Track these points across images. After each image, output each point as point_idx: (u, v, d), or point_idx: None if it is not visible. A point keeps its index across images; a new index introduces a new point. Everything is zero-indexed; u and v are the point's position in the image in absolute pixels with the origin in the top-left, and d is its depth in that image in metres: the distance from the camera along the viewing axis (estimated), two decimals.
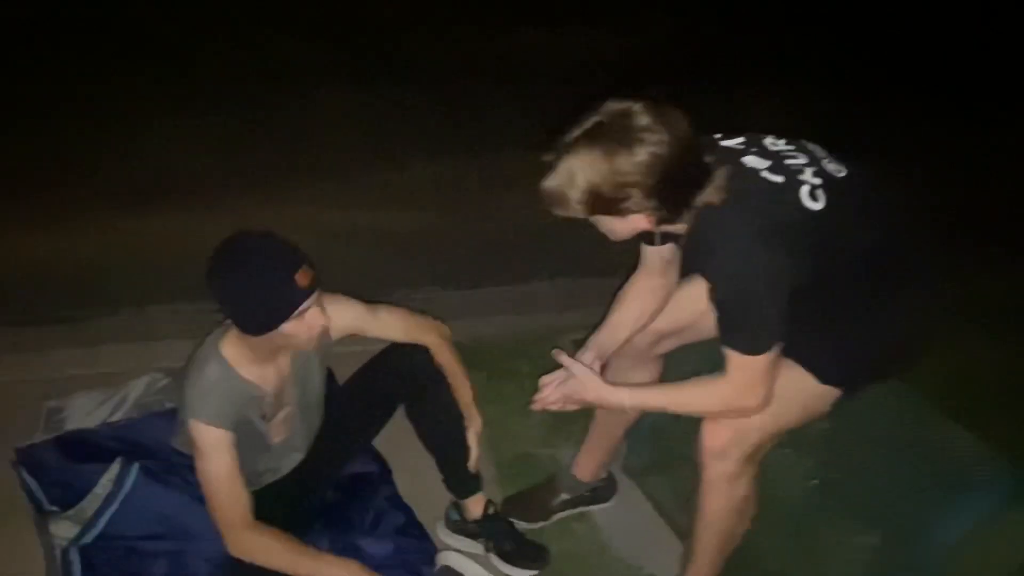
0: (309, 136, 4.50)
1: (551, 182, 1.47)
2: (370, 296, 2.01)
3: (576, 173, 1.43)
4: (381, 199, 3.93)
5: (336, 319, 1.85)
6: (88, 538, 1.91)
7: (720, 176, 1.45)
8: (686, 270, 1.83)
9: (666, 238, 1.71)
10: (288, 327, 1.65)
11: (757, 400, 1.55)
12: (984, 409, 2.31)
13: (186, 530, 1.95)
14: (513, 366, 2.75)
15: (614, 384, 1.71)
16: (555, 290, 3.37)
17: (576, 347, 2.88)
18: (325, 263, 1.75)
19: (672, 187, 1.42)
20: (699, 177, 1.44)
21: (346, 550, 1.95)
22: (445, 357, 1.97)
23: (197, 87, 5.00)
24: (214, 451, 1.69)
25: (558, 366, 1.76)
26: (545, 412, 1.81)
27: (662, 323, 1.89)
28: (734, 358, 1.52)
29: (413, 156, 4.32)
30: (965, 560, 1.48)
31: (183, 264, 3.32)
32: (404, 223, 3.77)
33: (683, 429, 2.15)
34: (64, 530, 1.94)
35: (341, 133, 4.55)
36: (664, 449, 2.25)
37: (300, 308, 1.64)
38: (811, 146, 1.59)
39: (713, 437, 1.61)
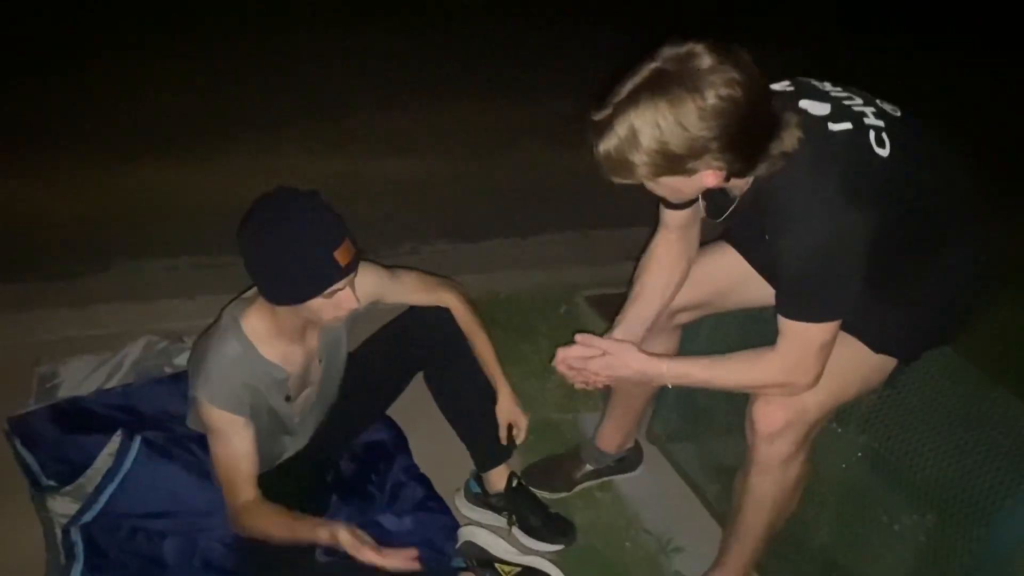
0: (306, 80, 4.33)
1: (608, 145, 1.29)
2: (376, 250, 1.90)
3: (639, 131, 1.25)
4: (383, 145, 3.79)
5: (363, 285, 1.73)
6: (89, 516, 1.81)
7: (791, 121, 1.30)
8: (744, 236, 1.67)
9: (710, 199, 1.55)
10: (315, 303, 1.53)
11: (809, 377, 1.43)
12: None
13: (194, 507, 1.85)
14: (529, 324, 2.66)
15: (650, 355, 1.57)
16: (567, 243, 3.26)
17: (590, 304, 2.82)
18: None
19: (748, 134, 1.26)
20: (773, 121, 1.29)
21: (365, 526, 1.84)
22: (466, 319, 1.87)
23: (188, 31, 4.79)
24: (230, 435, 1.59)
25: (576, 326, 1.64)
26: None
27: (686, 292, 1.76)
28: (794, 329, 1.39)
29: (416, 100, 4.17)
30: None
31: (179, 217, 3.24)
32: (408, 171, 3.63)
33: (711, 397, 2.08)
34: (63, 507, 1.84)
35: (340, 76, 4.38)
36: (691, 417, 2.17)
37: (334, 287, 1.51)
38: (852, 88, 1.45)
39: (767, 420, 1.49)
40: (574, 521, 1.97)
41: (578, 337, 1.61)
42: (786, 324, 1.40)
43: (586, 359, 1.58)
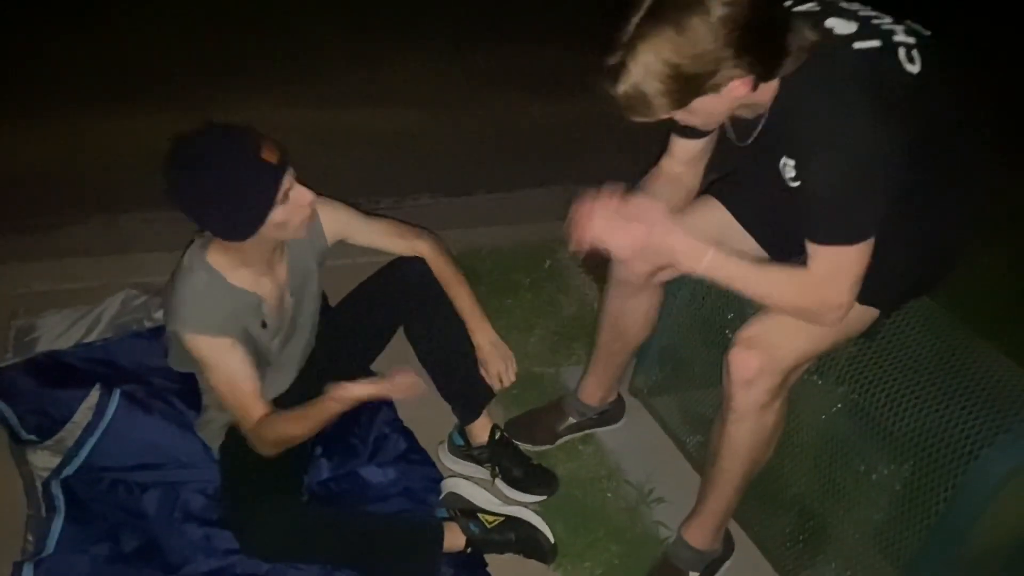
0: (284, 30, 4.21)
1: (624, 84, 1.28)
2: (356, 203, 1.87)
3: (651, 62, 1.24)
4: (363, 97, 3.71)
5: (327, 221, 1.73)
6: (70, 470, 1.80)
7: (805, 26, 1.29)
8: (768, 159, 1.54)
9: (736, 123, 1.51)
10: (277, 214, 1.49)
11: (842, 301, 1.38)
12: (1000, 320, 2.25)
13: (175, 458, 1.85)
14: (511, 279, 2.65)
15: (695, 245, 1.43)
16: (550, 197, 3.21)
17: (574, 260, 2.81)
18: (305, 168, 1.59)
19: (762, 33, 1.25)
20: (784, 15, 1.28)
21: (347, 478, 1.88)
22: (441, 265, 1.85)
23: None
24: (219, 358, 1.57)
25: (558, 281, 1.59)
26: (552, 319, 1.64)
27: None
28: (826, 254, 1.36)
29: (396, 51, 4.08)
30: (1007, 499, 1.41)
31: (156, 169, 3.15)
32: (388, 123, 3.57)
33: (691, 350, 2.09)
34: (43, 460, 1.83)
35: (318, 26, 4.26)
36: (672, 369, 2.18)
37: (281, 188, 1.48)
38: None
39: (743, 366, 1.50)
40: (556, 472, 1.99)
41: (607, 188, 1.44)
42: (817, 250, 1.36)
43: (624, 218, 1.42)
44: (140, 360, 2.07)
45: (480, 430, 1.95)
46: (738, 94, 1.31)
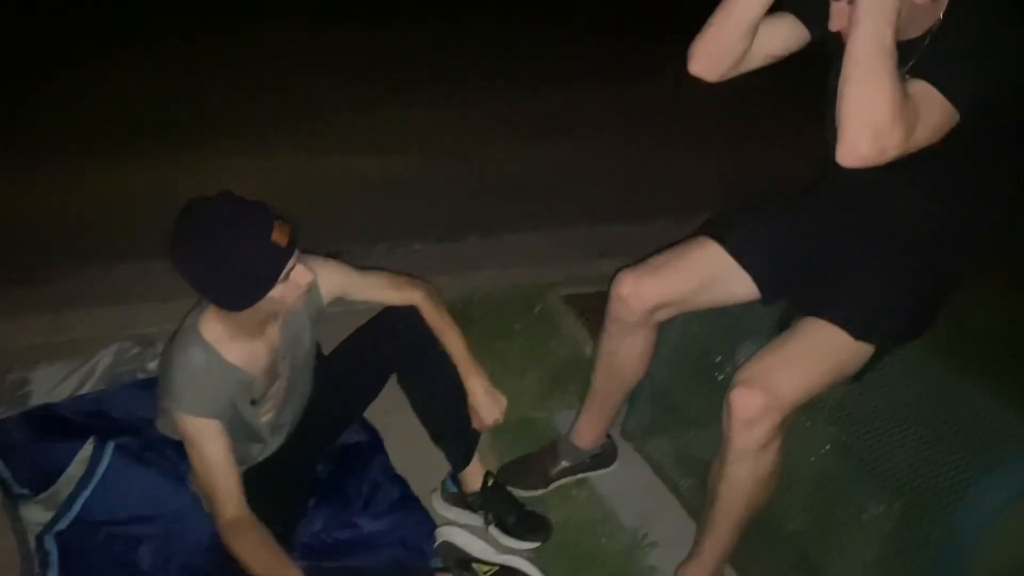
0: (281, 79, 4.29)
1: None
2: (350, 250, 1.91)
3: None
4: (357, 145, 3.77)
5: (323, 283, 1.75)
6: (63, 524, 1.79)
7: None
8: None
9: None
10: (276, 292, 1.52)
11: (902, 135, 1.32)
12: (982, 359, 2.27)
13: (170, 512, 1.85)
14: (503, 323, 2.67)
15: None
16: (541, 241, 3.27)
17: (564, 303, 2.84)
18: (299, 215, 1.61)
19: None
20: None
21: (342, 527, 1.88)
22: (433, 313, 1.87)
23: (162, 28, 4.73)
24: (204, 440, 1.58)
25: (550, 325, 1.61)
26: (544, 364, 1.65)
27: (665, 289, 1.79)
28: (922, 88, 1.34)
29: (388, 99, 4.15)
30: (996, 538, 1.42)
31: (150, 218, 3.17)
32: (381, 170, 3.63)
33: (682, 392, 2.11)
34: (36, 515, 1.82)
35: (313, 75, 4.34)
36: (663, 412, 2.19)
37: (285, 269, 1.50)
38: None
39: (745, 406, 1.51)
40: (550, 518, 1.99)
41: None
42: (918, 88, 1.35)
43: None
44: (134, 411, 2.08)
45: (473, 476, 1.96)
46: None
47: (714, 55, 1.61)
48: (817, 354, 1.53)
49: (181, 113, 3.81)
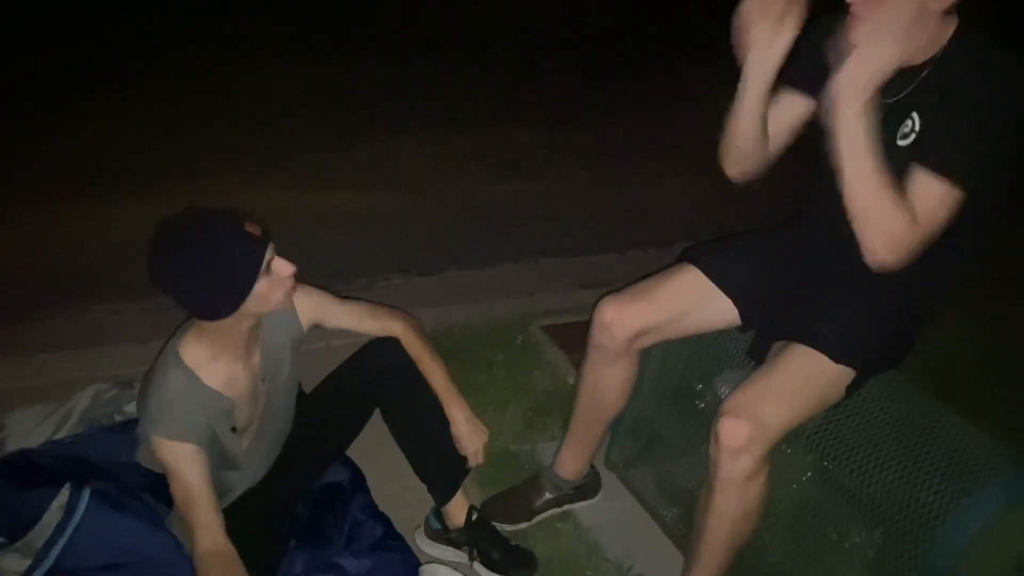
0: (255, 115, 4.30)
1: None
2: (330, 285, 1.90)
3: None
4: (334, 180, 3.78)
5: (301, 307, 1.75)
6: (40, 572, 1.74)
7: None
8: (894, 121, 1.53)
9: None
10: (261, 286, 1.50)
11: (917, 237, 1.41)
12: (957, 384, 2.31)
13: (147, 556, 1.80)
14: (485, 356, 2.67)
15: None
16: (521, 272, 3.29)
17: (545, 333, 2.85)
18: (278, 251, 1.59)
19: None
20: None
21: (324, 568, 1.84)
22: (415, 345, 1.86)
23: (133, 66, 4.74)
24: (181, 465, 1.56)
25: (532, 356, 1.62)
26: (526, 395, 1.66)
27: (647, 316, 1.80)
28: (928, 184, 1.40)
29: (365, 133, 4.17)
30: (975, 562, 1.43)
31: (124, 259, 3.16)
32: (360, 204, 3.64)
33: (664, 421, 2.11)
34: (13, 564, 1.78)
35: (288, 111, 4.36)
36: (646, 442, 2.20)
37: (265, 259, 1.50)
38: None
39: (732, 435, 1.51)
40: (535, 552, 1.98)
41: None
42: (918, 181, 1.41)
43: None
44: (111, 456, 2.04)
45: (457, 511, 1.94)
46: (937, 4, 1.38)
47: (741, 159, 1.69)
48: (800, 383, 1.55)
49: (156, 155, 3.80)
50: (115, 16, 5.30)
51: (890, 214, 1.40)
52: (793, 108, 1.69)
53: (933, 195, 1.41)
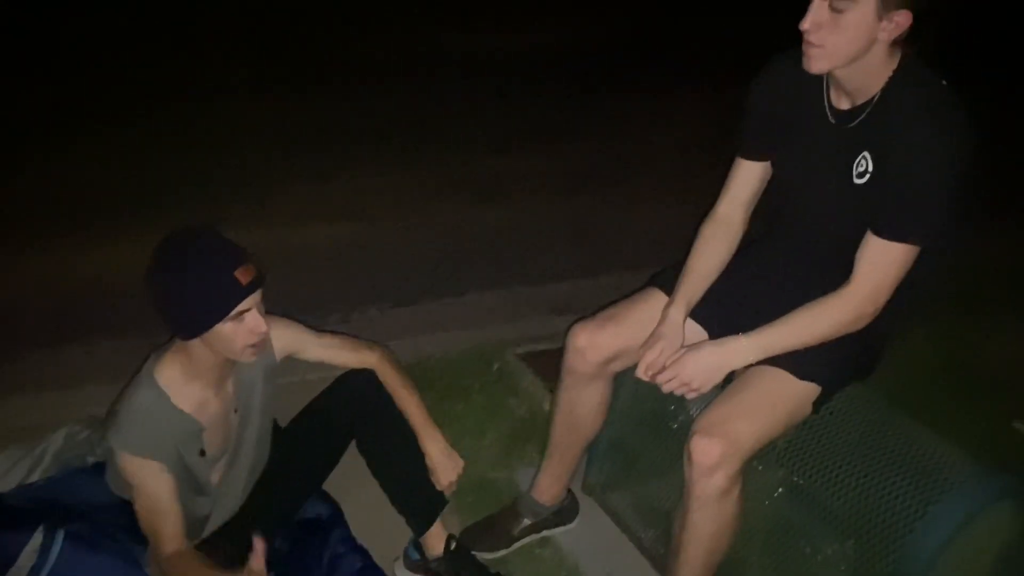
0: (226, 152, 4.30)
1: None
2: (304, 320, 1.91)
3: None
4: (308, 214, 3.79)
5: (276, 337, 1.77)
6: None
7: None
8: (846, 151, 1.58)
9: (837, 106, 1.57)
10: (226, 328, 1.54)
11: (878, 305, 1.51)
12: (921, 393, 2.36)
13: None
14: (461, 384, 2.68)
15: (723, 340, 1.59)
16: (496, 300, 3.30)
17: (521, 361, 2.87)
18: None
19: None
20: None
21: None
22: (390, 376, 1.88)
23: (105, 103, 4.73)
24: (146, 479, 1.59)
25: (508, 384, 1.66)
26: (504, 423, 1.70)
27: (619, 339, 1.83)
28: (884, 251, 1.47)
29: (333, 168, 4.19)
30: (945, 568, 1.46)
31: (94, 299, 3.16)
32: (332, 238, 3.64)
33: (639, 443, 2.13)
34: None
35: (259, 147, 4.37)
36: (622, 464, 2.21)
37: (238, 306, 1.53)
38: None
39: (704, 453, 1.54)
40: None
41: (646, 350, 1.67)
42: (874, 249, 1.48)
43: (665, 360, 1.63)
44: (85, 497, 2.01)
45: (435, 541, 1.94)
46: (885, 35, 1.41)
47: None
48: (769, 400, 1.59)
49: (127, 196, 3.78)
50: (76, 62, 5.31)
51: (841, 325, 1.54)
52: (755, 174, 1.76)
53: (890, 258, 1.49)
